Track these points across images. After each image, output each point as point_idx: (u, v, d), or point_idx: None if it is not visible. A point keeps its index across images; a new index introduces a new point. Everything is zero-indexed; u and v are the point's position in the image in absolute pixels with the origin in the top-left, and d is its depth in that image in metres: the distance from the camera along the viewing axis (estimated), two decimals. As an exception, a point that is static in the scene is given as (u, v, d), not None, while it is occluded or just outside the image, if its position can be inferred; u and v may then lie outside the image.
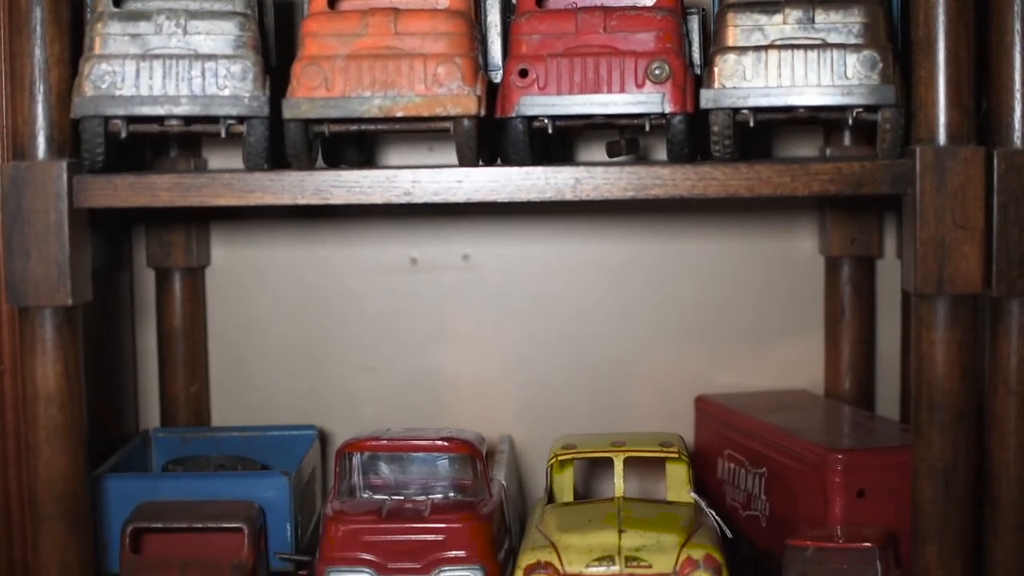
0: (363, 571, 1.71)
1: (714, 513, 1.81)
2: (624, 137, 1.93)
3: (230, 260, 2.29)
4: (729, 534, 1.80)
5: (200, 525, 1.79)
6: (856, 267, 2.23)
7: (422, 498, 1.81)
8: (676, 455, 1.83)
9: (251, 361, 2.30)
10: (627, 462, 1.83)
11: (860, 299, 2.23)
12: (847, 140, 2.19)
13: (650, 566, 1.66)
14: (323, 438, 2.23)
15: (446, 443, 1.83)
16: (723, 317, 2.29)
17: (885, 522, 1.82)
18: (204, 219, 2.26)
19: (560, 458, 1.85)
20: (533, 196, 1.66)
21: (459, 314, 2.29)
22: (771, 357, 2.28)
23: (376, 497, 1.83)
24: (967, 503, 1.67)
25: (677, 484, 1.87)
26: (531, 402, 2.29)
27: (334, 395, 2.28)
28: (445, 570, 1.71)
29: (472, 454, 1.83)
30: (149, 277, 2.28)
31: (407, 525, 1.73)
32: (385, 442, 1.83)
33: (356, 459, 1.85)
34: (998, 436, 1.68)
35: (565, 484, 1.91)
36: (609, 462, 1.85)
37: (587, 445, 1.86)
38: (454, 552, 1.72)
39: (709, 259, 2.28)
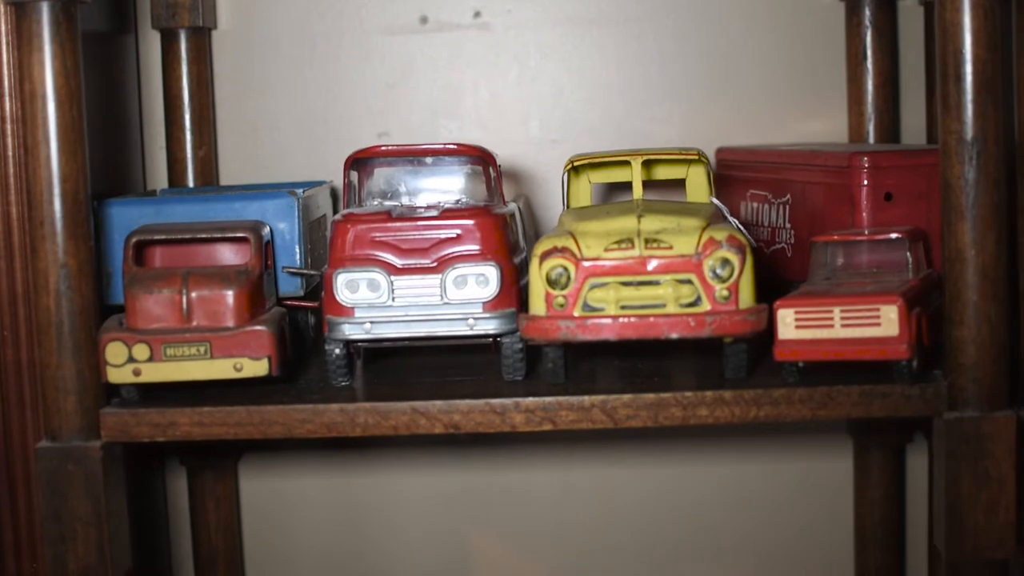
0: (374, 271, 1.65)
1: (736, 221, 1.75)
2: None
3: (236, 22, 2.24)
4: (753, 243, 1.73)
5: (204, 236, 1.74)
6: (876, 8, 2.17)
7: (434, 202, 1.75)
8: (696, 157, 1.77)
9: (260, 125, 2.25)
10: (646, 185, 1.78)
11: (882, 41, 2.17)
12: None
13: (671, 247, 1.61)
14: (335, 198, 2.17)
15: (457, 146, 1.77)
16: (743, 71, 2.24)
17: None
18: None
19: (576, 163, 1.79)
20: None
21: (472, 75, 2.24)
22: (792, 111, 2.22)
23: (387, 203, 1.78)
24: (998, 179, 1.60)
25: (697, 189, 1.82)
26: (549, 163, 2.23)
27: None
28: (458, 267, 1.65)
29: (483, 156, 1.77)
30: (155, 40, 2.22)
31: (419, 223, 1.67)
32: (395, 147, 1.77)
33: (365, 168, 1.80)
34: (1029, 108, 1.62)
35: (582, 193, 1.85)
36: (628, 188, 1.79)
37: (604, 154, 1.80)
38: (467, 248, 1.67)
39: (727, 9, 2.22)
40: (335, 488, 2.33)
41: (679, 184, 1.89)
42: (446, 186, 1.81)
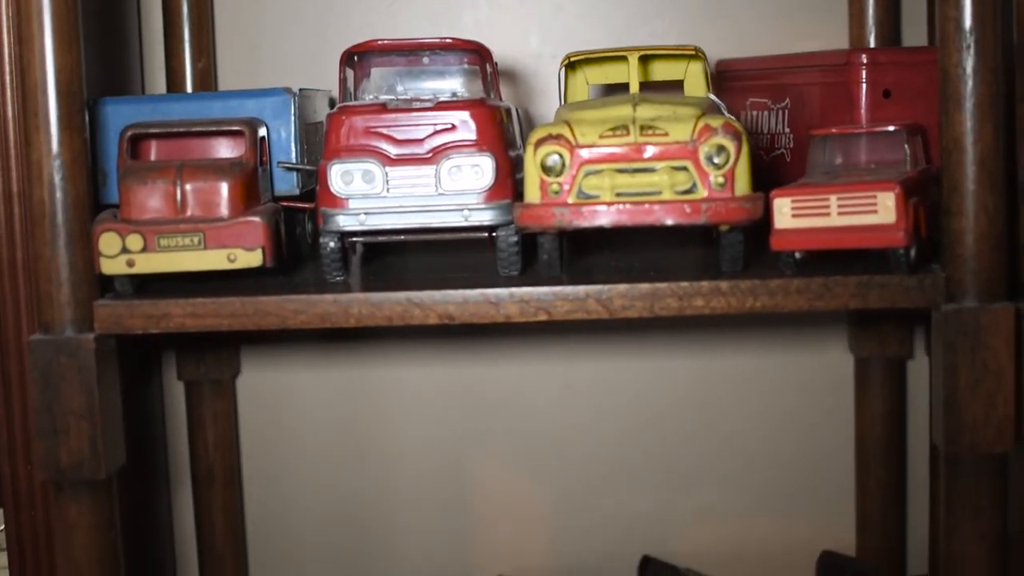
0: (368, 161, 1.64)
1: (734, 118, 1.74)
2: None
3: (233, -68, 2.24)
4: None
5: (199, 129, 1.73)
6: (880, -83, 2.16)
7: (430, 97, 1.75)
8: (693, 52, 1.76)
9: (259, 39, 2.24)
10: (644, 86, 1.77)
11: (884, -51, 2.16)
12: None
13: (666, 134, 1.60)
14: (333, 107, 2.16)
15: (452, 40, 1.76)
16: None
17: (912, 125, 1.76)
18: None
19: (572, 59, 1.78)
20: None
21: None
22: (793, 24, 2.21)
23: (383, 97, 1.77)
24: (996, 68, 1.58)
25: (695, 89, 1.81)
26: (548, 77, 2.23)
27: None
28: (453, 156, 1.64)
29: (479, 50, 1.76)
30: (150, -50, 2.22)
31: (414, 114, 1.66)
32: (390, 41, 1.76)
33: (361, 65, 1.79)
34: (1029, -3, 1.60)
35: (578, 94, 1.84)
36: (626, 90, 1.78)
37: (601, 50, 1.79)
38: (463, 138, 1.65)
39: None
40: (333, 403, 2.33)
41: (677, 87, 1.87)
42: (442, 83, 1.80)
